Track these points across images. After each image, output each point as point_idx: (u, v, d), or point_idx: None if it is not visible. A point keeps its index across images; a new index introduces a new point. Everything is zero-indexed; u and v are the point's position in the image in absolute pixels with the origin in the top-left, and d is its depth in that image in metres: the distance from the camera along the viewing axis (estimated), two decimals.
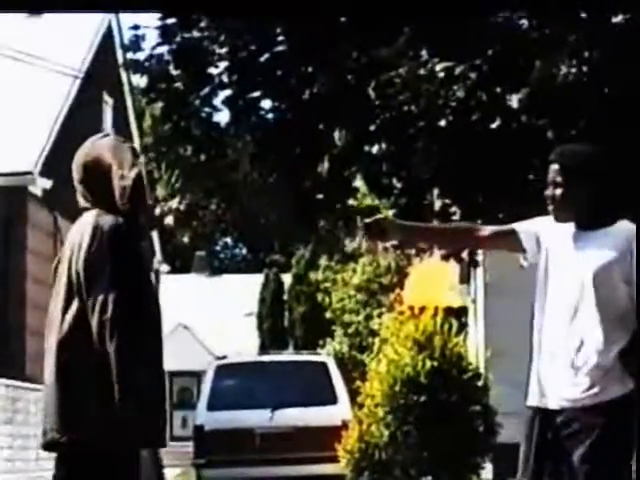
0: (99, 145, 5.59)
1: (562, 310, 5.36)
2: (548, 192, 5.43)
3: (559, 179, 5.37)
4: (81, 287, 5.32)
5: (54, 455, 5.54)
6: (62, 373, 5.40)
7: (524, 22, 9.81)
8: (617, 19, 9.28)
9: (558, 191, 5.38)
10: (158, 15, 10.51)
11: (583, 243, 5.36)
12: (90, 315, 5.25)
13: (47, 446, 5.41)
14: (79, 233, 5.42)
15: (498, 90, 9.38)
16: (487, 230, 5.72)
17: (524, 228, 5.55)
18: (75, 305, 5.38)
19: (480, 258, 13.06)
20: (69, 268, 5.41)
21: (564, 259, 5.40)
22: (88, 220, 5.42)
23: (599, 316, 5.26)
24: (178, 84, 10.69)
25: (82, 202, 5.58)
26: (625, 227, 5.38)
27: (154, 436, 5.47)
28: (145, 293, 5.39)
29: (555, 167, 5.40)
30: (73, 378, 5.38)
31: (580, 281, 5.30)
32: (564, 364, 5.33)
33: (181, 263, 49.70)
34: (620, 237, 5.33)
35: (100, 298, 5.24)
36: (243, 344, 41.41)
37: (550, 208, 5.44)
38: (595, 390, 5.24)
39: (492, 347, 15.54)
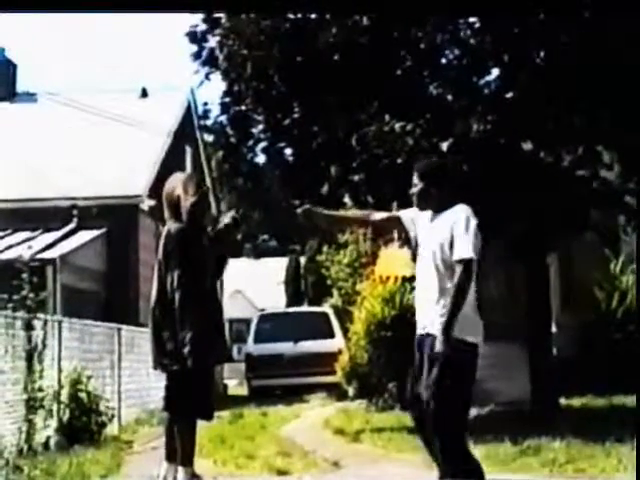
0: (175, 179, 5.73)
1: (422, 268, 4.97)
2: (410, 190, 5.02)
3: (416, 181, 4.98)
4: (162, 268, 5.44)
5: (158, 372, 5.64)
6: (154, 322, 5.50)
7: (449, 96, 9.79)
8: (509, 95, 9.22)
9: (414, 190, 4.98)
10: (220, 94, 10.52)
11: (433, 223, 4.95)
12: (167, 286, 5.36)
13: (154, 367, 5.52)
14: (163, 234, 5.59)
15: (434, 140, 9.34)
16: (378, 216, 5.29)
17: (405, 215, 5.16)
18: (160, 280, 5.52)
19: None
20: (160, 257, 5.60)
21: (425, 234, 5.03)
22: (166, 226, 5.66)
23: (438, 272, 4.83)
24: (232, 139, 10.67)
25: (166, 215, 5.71)
26: (457, 209, 4.88)
27: (216, 356, 5.57)
28: (200, 270, 5.51)
29: (415, 173, 5.00)
30: (160, 324, 5.46)
31: (430, 248, 4.92)
32: (421, 305, 4.94)
33: (236, 251, 49.55)
34: (449, 218, 4.85)
35: (173, 274, 5.34)
36: (276, 301, 41.42)
37: (413, 201, 5.03)
38: (428, 325, 4.81)
39: None
